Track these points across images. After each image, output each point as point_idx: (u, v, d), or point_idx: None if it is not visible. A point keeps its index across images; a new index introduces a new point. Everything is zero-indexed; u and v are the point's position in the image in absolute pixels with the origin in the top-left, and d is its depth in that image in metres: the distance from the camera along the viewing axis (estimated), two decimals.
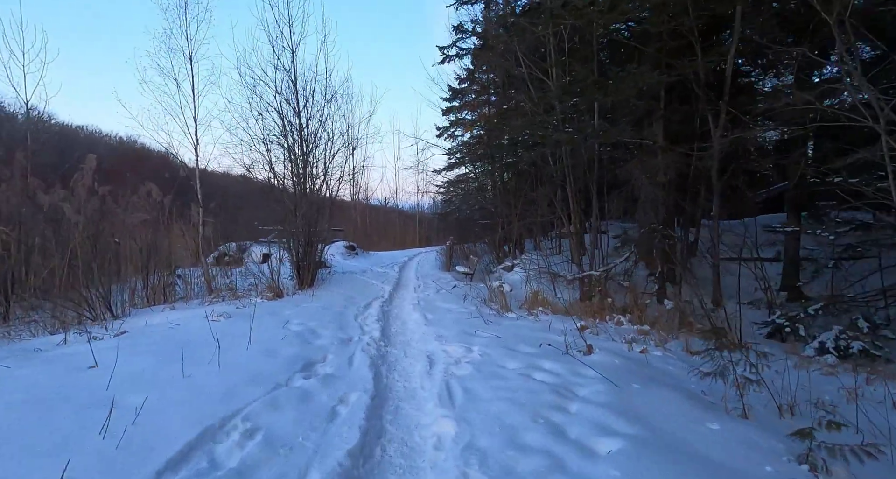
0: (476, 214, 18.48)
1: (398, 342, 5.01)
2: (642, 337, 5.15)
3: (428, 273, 12.24)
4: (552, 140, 6.56)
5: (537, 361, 3.88)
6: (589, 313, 6.44)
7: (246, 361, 3.65)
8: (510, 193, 11.45)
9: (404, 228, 33.55)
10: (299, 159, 9.28)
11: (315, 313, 6.05)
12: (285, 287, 8.69)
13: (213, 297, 8.04)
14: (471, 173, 18.39)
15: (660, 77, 6.15)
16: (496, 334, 4.86)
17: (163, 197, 8.08)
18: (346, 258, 14.57)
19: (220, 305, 6.81)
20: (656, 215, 7.44)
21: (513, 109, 8.99)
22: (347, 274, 11.22)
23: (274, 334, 4.60)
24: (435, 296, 8.10)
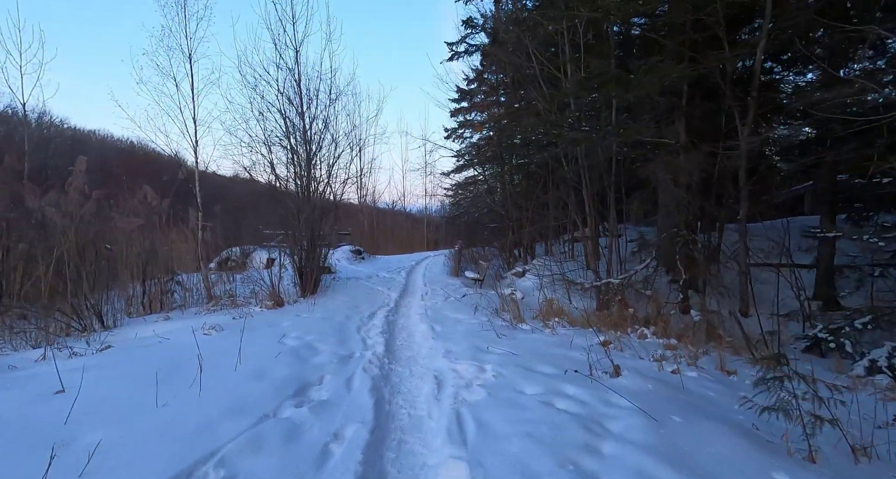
0: (485, 218, 18.06)
1: (403, 359, 4.60)
2: (671, 354, 4.69)
3: (436, 279, 11.84)
4: (567, 139, 6.13)
5: (559, 384, 3.44)
6: (608, 325, 5.99)
7: (232, 384, 3.26)
8: (521, 196, 11.02)
9: (412, 231, 33.23)
10: (302, 161, 8.95)
11: (315, 324, 5.67)
12: (287, 295, 8.33)
13: (212, 305, 7.71)
14: (480, 176, 17.99)
15: (686, 70, 5.69)
16: (511, 351, 4.43)
17: (160, 200, 7.76)
18: (352, 263, 14.22)
19: (215, 315, 6.45)
20: (679, 218, 6.98)
21: (524, 108, 8.58)
22: (353, 280, 10.85)
23: (267, 351, 4.21)
24: (443, 304, 7.69)
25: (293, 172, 8.74)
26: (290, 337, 4.88)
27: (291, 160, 8.84)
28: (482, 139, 19.61)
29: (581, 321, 6.19)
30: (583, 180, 7.93)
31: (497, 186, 14.90)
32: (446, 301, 8.07)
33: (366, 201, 29.24)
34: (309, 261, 8.68)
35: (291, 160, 8.84)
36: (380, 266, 14.47)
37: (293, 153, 8.82)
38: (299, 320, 5.90)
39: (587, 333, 5.54)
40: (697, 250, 6.90)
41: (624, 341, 5.17)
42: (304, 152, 8.92)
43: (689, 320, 6.12)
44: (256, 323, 5.58)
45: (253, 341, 4.54)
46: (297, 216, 8.33)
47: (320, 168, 9.12)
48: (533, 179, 10.81)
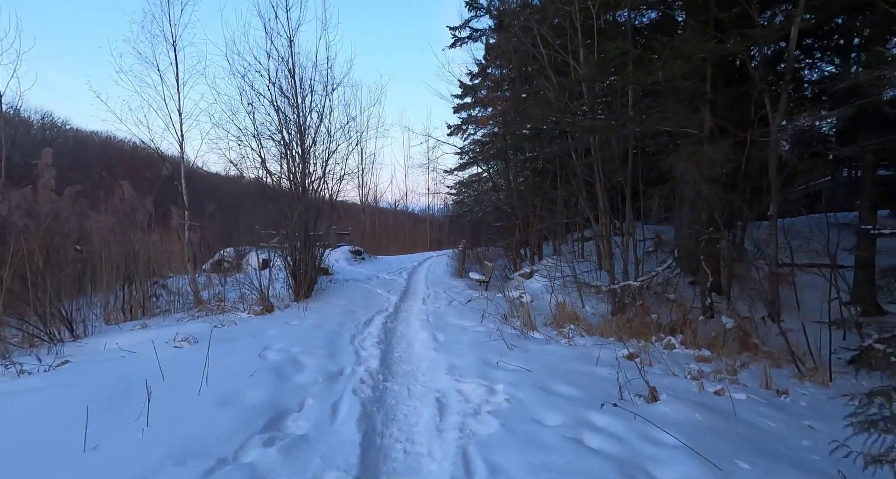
0: (490, 216, 17.46)
1: (401, 375, 4.02)
2: (708, 369, 4.10)
3: (439, 280, 11.27)
4: (583, 127, 5.54)
5: (585, 412, 2.86)
6: (629, 333, 5.39)
7: (190, 414, 2.70)
8: (528, 193, 10.43)
9: (414, 231, 32.68)
10: (297, 156, 8.39)
11: (304, 333, 5.10)
12: (279, 299, 7.78)
13: (198, 310, 7.17)
14: (484, 173, 17.40)
15: (715, 49, 5.09)
16: (524, 366, 3.85)
17: (139, 198, 7.22)
18: (352, 264, 13.67)
19: (197, 322, 5.91)
20: (704, 214, 6.38)
21: (532, 99, 7.99)
22: (351, 282, 10.29)
23: (244, 367, 3.65)
24: (446, 309, 7.11)
25: (286, 167, 8.19)
26: (273, 349, 4.31)
27: (284, 155, 8.28)
28: (486, 135, 19.03)
29: (599, 329, 5.60)
30: (596, 174, 7.33)
31: (502, 182, 14.33)
32: (450, 305, 7.50)
33: (367, 201, 28.71)
34: (303, 262, 8.13)
35: (284, 155, 8.28)
36: (380, 267, 13.91)
37: (286, 148, 8.27)
38: (288, 329, 5.33)
39: (608, 343, 4.95)
40: (724, 248, 6.30)
41: (650, 351, 4.57)
42: (297, 147, 8.36)
43: (718, 327, 5.52)
44: (239, 332, 5.02)
45: (230, 355, 3.98)
46: (290, 215, 7.77)
47: (315, 164, 8.57)
48: (540, 175, 10.23)
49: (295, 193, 8.13)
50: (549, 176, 10.35)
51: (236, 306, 7.05)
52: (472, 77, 20.30)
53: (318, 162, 8.48)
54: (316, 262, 8.66)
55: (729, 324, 5.13)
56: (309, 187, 8.37)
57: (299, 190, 8.14)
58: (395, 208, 32.88)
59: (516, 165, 9.04)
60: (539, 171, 11.16)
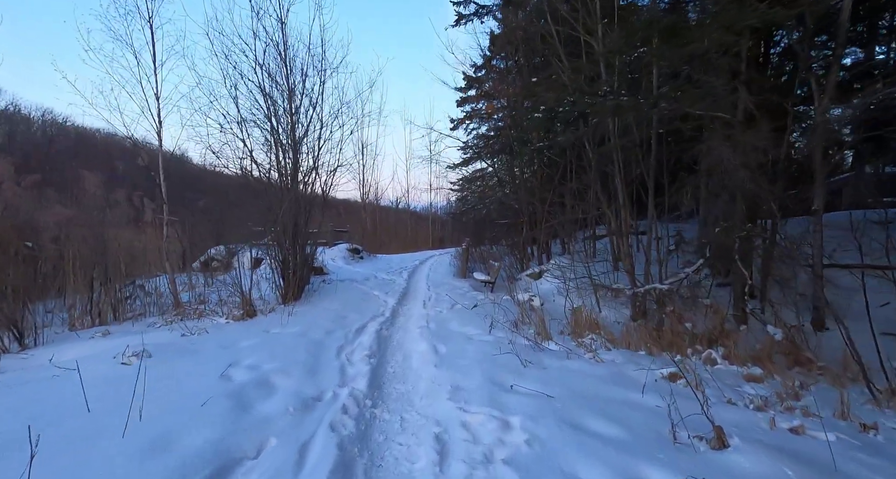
0: (494, 213, 16.74)
1: (393, 398, 3.32)
2: (766, 393, 3.37)
3: (441, 281, 10.56)
4: (605, 109, 4.81)
5: (633, 462, 2.14)
6: (660, 344, 4.67)
7: (99, 470, 1.99)
8: (537, 187, 9.71)
9: (416, 229, 31.99)
10: (288, 146, 7.68)
11: (284, 344, 4.40)
12: (265, 301, 7.09)
13: (175, 314, 6.49)
14: (489, 168, 16.70)
15: (769, 13, 4.34)
16: (544, 390, 3.13)
17: (103, 189, 6.53)
18: (349, 263, 12.98)
19: (164, 330, 5.20)
20: (743, 208, 5.65)
21: (544, 82, 7.26)
22: (346, 282, 9.59)
23: (197, 392, 2.95)
24: (449, 314, 6.40)
25: (273, 158, 7.49)
26: (242, 366, 3.61)
27: (272, 145, 7.57)
28: (491, 129, 18.30)
29: (624, 339, 4.87)
30: (615, 165, 6.60)
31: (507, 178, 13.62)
32: (453, 309, 6.79)
33: (368, 198, 28.01)
34: (292, 262, 7.43)
35: (272, 145, 7.57)
36: (380, 266, 13.21)
37: (274, 137, 7.56)
38: (266, 339, 4.63)
39: (638, 357, 4.22)
40: (764, 247, 5.56)
41: (688, 366, 3.85)
42: (287, 137, 7.66)
43: (759, 337, 4.79)
44: (207, 343, 4.32)
45: (185, 376, 3.29)
46: (278, 210, 7.07)
47: (307, 154, 7.86)
48: (550, 168, 9.50)
49: (283, 185, 7.43)
50: (560, 169, 9.63)
51: (215, 311, 6.36)
52: (476, 69, 19.57)
53: (310, 152, 7.78)
54: (307, 261, 7.96)
55: (777, 335, 4.39)
56: (300, 180, 7.67)
57: (287, 183, 7.45)
58: (396, 206, 32.19)
59: (525, 156, 8.31)
60: (548, 163, 10.44)
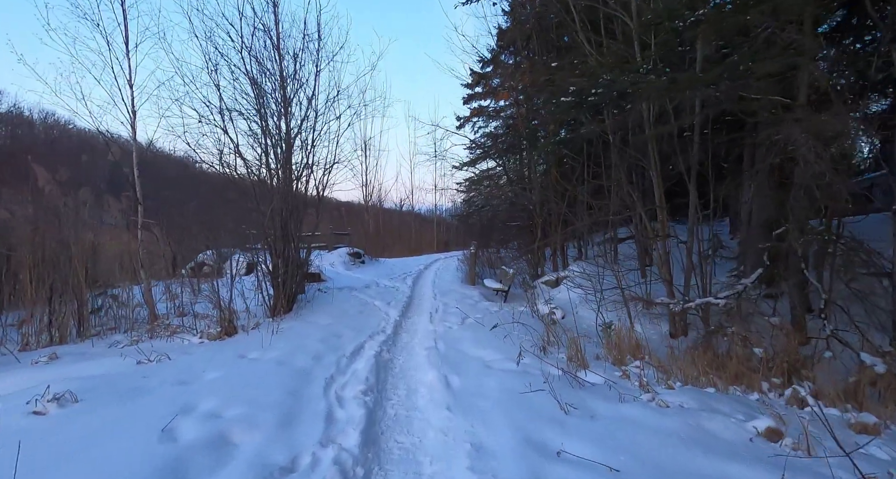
0: (503, 215, 15.86)
1: (394, 460, 2.46)
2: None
3: (448, 288, 9.69)
4: (655, 86, 3.94)
5: None
6: (723, 374, 3.78)
7: None
8: (554, 186, 8.83)
9: (420, 231, 31.15)
10: (278, 139, 6.85)
11: (260, 376, 3.54)
12: (251, 315, 6.25)
13: (150, 328, 5.66)
14: (498, 166, 15.85)
15: None
16: (602, 457, 2.25)
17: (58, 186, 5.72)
18: (349, 268, 12.13)
19: (116, 356, 4.34)
20: (803, 208, 4.76)
21: (567, 66, 6.42)
22: (345, 291, 8.74)
23: (117, 467, 2.09)
24: (460, 330, 5.54)
25: (262, 153, 6.65)
26: (196, 414, 2.75)
27: (261, 138, 6.74)
28: (501, 125, 17.45)
29: (678, 366, 3.97)
30: (651, 158, 5.73)
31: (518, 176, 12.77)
32: (464, 325, 5.92)
33: (371, 200, 27.20)
34: (282, 269, 6.60)
35: (261, 138, 6.74)
36: (382, 272, 12.35)
37: (264, 130, 6.72)
38: (238, 368, 3.77)
39: (706, 396, 3.32)
40: (841, 252, 4.65)
41: (773, 406, 2.95)
42: (277, 129, 6.83)
43: (845, 367, 3.89)
44: (162, 376, 3.46)
45: (113, 433, 2.43)
46: (265, 211, 6.24)
47: (300, 149, 7.02)
48: (569, 165, 8.62)
49: (272, 184, 6.60)
50: (579, 166, 8.75)
51: (192, 327, 5.52)
52: (483, 64, 18.74)
53: (303, 146, 6.94)
54: (300, 268, 7.12)
55: (879, 366, 3.49)
56: (292, 177, 6.84)
57: (277, 180, 6.62)
58: (400, 208, 31.37)
59: (547, 148, 7.42)
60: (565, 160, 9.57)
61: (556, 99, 5.80)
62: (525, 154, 12.38)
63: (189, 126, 6.11)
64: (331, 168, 7.32)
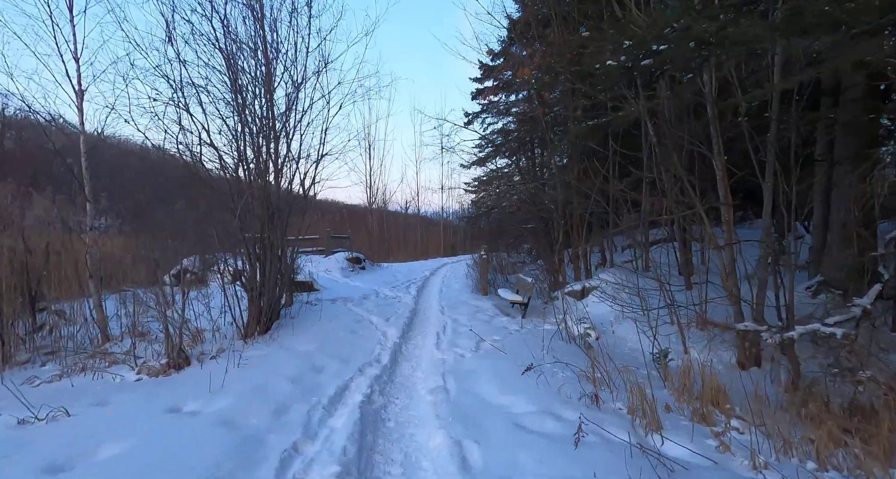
0: (515, 216, 14.69)
1: None
2: None
3: (457, 299, 8.54)
4: (751, 33, 2.78)
5: None
6: (850, 446, 2.58)
7: None
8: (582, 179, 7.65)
9: (426, 234, 30.03)
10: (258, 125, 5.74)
11: (185, 448, 2.39)
12: (222, 335, 5.14)
13: (94, 354, 4.56)
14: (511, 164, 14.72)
15: None
16: None
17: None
18: (347, 275, 10.99)
19: (36, 393, 3.22)
20: None
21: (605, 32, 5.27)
22: (339, 303, 7.60)
23: None
24: (475, 360, 4.37)
25: (234, 141, 5.54)
26: None
27: (235, 126, 5.62)
28: (512, 122, 16.30)
29: (790, 428, 2.77)
30: (714, 142, 4.56)
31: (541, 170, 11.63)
32: (479, 351, 4.75)
33: (375, 202, 26.14)
34: (260, 280, 5.48)
35: (235, 126, 5.62)
36: (384, 279, 11.20)
37: (239, 112, 5.61)
38: (159, 433, 2.62)
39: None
40: None
41: None
42: (253, 114, 5.72)
43: None
44: (34, 454, 2.33)
45: None
46: (239, 209, 5.13)
47: (282, 137, 5.89)
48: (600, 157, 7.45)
49: (248, 178, 5.49)
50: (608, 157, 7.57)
51: (139, 355, 4.39)
52: (493, 57, 17.63)
53: (284, 131, 5.82)
54: (283, 278, 6.00)
55: None
56: (270, 169, 5.73)
57: (253, 173, 5.51)
58: (405, 211, 30.28)
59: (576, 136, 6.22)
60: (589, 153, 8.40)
61: (595, 68, 4.64)
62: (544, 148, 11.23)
63: (146, 106, 5.00)
64: (318, 161, 6.19)
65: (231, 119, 5.50)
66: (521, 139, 14.17)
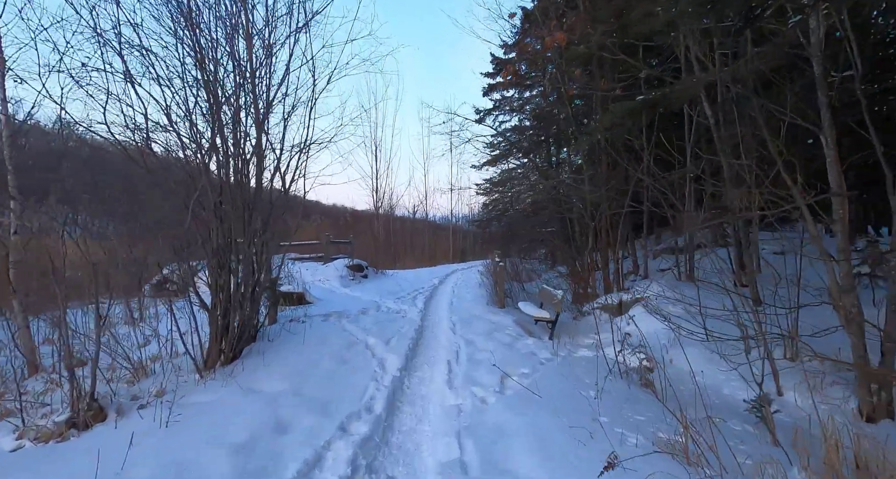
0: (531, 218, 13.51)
1: None
2: None
3: (470, 313, 7.35)
4: None
5: None
6: None
7: None
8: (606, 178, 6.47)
9: (435, 239, 28.90)
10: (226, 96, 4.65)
11: None
12: (175, 370, 4.03)
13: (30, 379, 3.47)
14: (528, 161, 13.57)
15: None
16: None
17: None
18: (348, 284, 9.85)
19: None
20: None
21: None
22: (333, 319, 6.47)
23: None
24: (501, 409, 3.18)
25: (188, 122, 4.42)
26: None
27: (186, 102, 4.50)
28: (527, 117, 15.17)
29: None
30: (822, 110, 3.38)
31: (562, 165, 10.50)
32: (505, 391, 3.57)
33: (381, 206, 25.08)
34: (225, 297, 4.38)
35: (186, 102, 4.50)
36: (388, 288, 10.04)
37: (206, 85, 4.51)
38: None
39: None
40: None
41: None
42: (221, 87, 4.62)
43: None
44: None
45: None
46: (192, 205, 4.03)
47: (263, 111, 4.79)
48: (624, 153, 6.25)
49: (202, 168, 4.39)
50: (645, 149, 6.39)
51: (22, 408, 3.27)
52: (505, 49, 16.52)
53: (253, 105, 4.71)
54: (259, 292, 4.89)
55: None
56: (237, 154, 4.62)
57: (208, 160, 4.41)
58: (413, 215, 29.19)
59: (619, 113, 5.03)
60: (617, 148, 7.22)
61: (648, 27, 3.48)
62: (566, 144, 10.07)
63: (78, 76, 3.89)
64: (303, 149, 5.07)
65: (185, 91, 4.36)
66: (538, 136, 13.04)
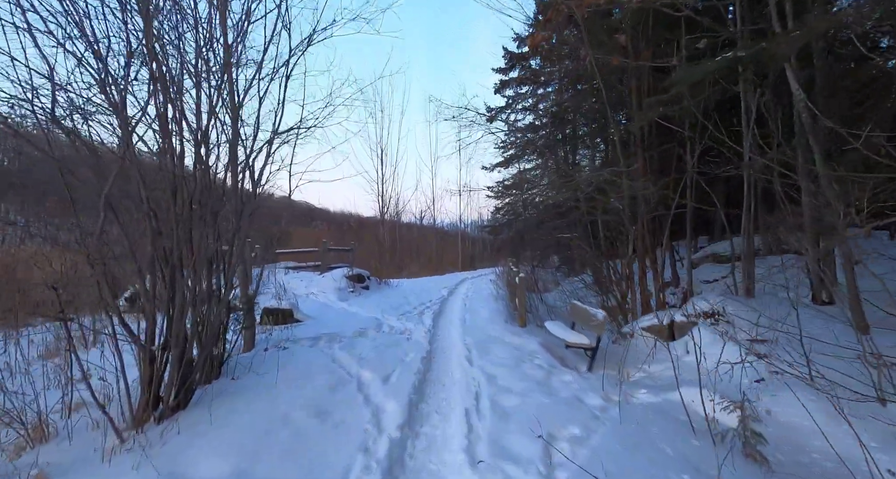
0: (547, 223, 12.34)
1: None
2: None
3: (487, 335, 6.18)
4: None
5: None
6: None
7: None
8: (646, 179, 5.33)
9: (442, 246, 27.73)
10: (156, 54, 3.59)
11: None
12: (94, 426, 2.93)
13: None
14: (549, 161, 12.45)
15: None
16: None
17: None
18: (346, 297, 8.71)
19: None
20: None
21: None
22: (323, 343, 5.35)
23: None
24: None
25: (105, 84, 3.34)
26: None
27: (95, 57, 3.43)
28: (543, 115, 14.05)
29: None
30: None
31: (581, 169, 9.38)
32: (553, 473, 2.42)
33: (387, 212, 24.02)
34: (168, 327, 3.27)
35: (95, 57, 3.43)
36: (391, 301, 8.88)
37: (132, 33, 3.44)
38: None
39: None
40: None
41: None
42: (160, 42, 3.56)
43: None
44: None
45: None
46: (103, 197, 2.96)
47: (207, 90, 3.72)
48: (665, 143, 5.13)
49: (123, 147, 3.32)
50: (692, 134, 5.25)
51: None
52: (518, 43, 15.47)
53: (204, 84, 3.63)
54: (215, 316, 3.78)
55: None
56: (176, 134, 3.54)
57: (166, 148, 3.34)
58: (420, 221, 28.09)
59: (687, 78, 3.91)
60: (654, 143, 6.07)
61: None
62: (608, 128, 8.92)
63: None
64: (277, 130, 3.98)
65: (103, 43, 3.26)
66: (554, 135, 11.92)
